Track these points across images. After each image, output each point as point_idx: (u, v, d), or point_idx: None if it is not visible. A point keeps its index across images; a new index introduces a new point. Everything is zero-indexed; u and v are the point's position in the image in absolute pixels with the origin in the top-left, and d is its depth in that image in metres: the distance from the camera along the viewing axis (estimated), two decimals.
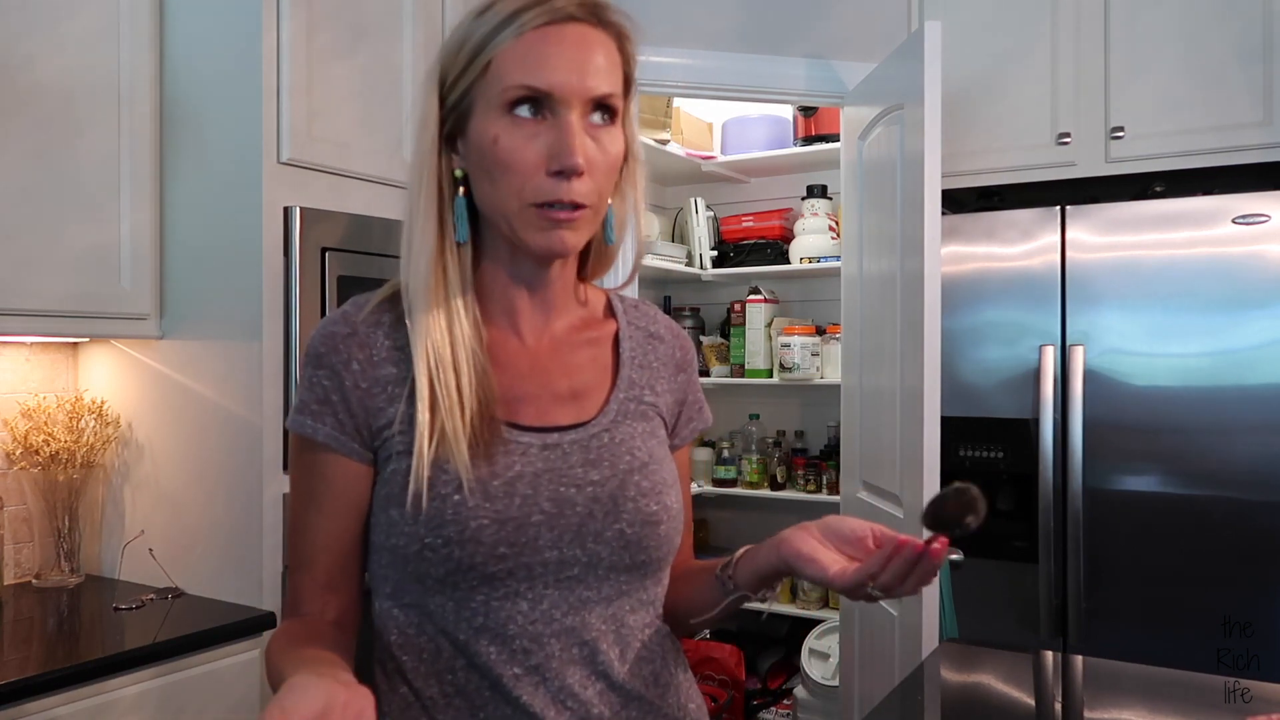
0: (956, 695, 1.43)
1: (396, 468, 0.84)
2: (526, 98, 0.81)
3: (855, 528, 0.83)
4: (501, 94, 0.81)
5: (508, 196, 0.82)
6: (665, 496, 0.90)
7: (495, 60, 0.82)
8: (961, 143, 2.50)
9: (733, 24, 2.68)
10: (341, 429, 0.86)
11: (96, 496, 2.09)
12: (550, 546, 0.83)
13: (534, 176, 0.81)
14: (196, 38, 1.95)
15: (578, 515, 0.85)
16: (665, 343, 1.01)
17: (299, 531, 0.89)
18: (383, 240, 2.00)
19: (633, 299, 1.04)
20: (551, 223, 0.82)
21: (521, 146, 0.81)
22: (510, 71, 0.81)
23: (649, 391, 0.96)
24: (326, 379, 0.86)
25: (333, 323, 0.89)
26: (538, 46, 0.81)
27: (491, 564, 0.81)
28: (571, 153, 0.80)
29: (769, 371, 3.33)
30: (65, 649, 1.63)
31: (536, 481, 0.84)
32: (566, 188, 0.81)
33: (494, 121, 0.82)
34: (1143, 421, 2.19)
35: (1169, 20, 2.31)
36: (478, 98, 0.83)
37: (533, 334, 0.92)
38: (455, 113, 0.86)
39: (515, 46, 0.81)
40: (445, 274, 0.86)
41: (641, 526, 0.87)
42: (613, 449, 0.89)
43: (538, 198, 0.81)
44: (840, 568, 0.81)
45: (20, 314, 1.76)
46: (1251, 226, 2.11)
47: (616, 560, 0.86)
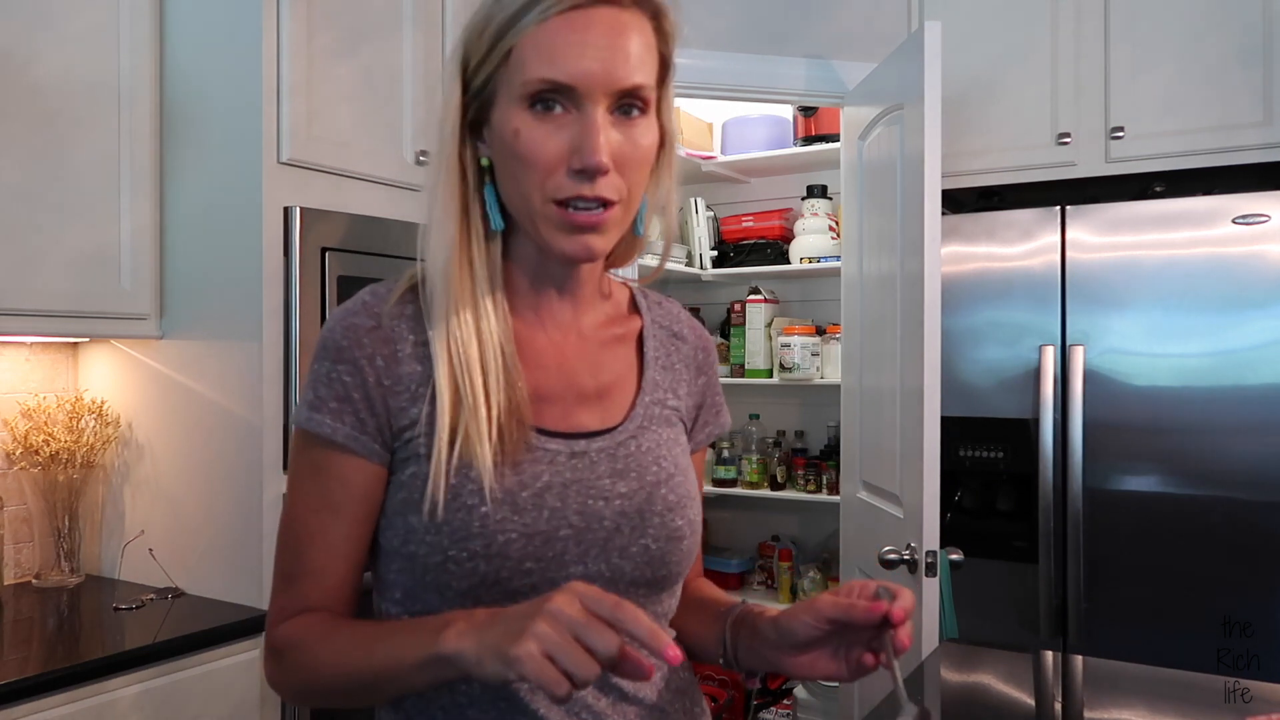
0: (956, 695, 1.43)
1: (416, 471, 0.80)
2: (548, 91, 0.76)
3: (801, 630, 0.82)
4: (522, 85, 0.76)
5: (530, 192, 0.77)
6: (689, 510, 0.88)
7: (517, 48, 0.76)
8: (961, 143, 2.50)
9: (733, 24, 2.68)
10: (362, 429, 0.80)
11: (96, 496, 2.09)
12: (576, 561, 0.80)
13: (555, 173, 0.76)
14: (196, 38, 1.95)
15: (605, 530, 0.82)
16: (688, 343, 0.98)
17: (304, 538, 0.83)
18: (382, 240, 2.00)
19: (656, 295, 1.00)
20: (573, 226, 0.77)
21: (542, 141, 0.76)
22: (531, 62, 0.75)
23: (671, 395, 0.93)
24: (348, 374, 0.80)
25: (353, 314, 0.82)
26: (561, 34, 0.75)
27: (517, 579, 0.78)
28: (594, 151, 0.75)
29: (769, 371, 3.33)
30: (65, 649, 1.63)
31: (565, 493, 0.81)
32: (590, 186, 0.76)
33: (515, 113, 0.77)
34: (1143, 421, 2.19)
35: (1169, 20, 2.31)
36: (500, 86, 0.78)
37: (559, 330, 0.88)
38: (479, 100, 0.80)
39: (537, 34, 0.75)
40: (471, 266, 0.81)
41: (666, 542, 0.85)
42: (640, 458, 0.86)
43: (559, 194, 0.77)
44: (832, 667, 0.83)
45: (20, 314, 1.76)
46: (1251, 226, 2.11)
47: (638, 575, 0.84)
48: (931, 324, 2.01)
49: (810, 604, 0.81)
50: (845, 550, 2.72)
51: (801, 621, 0.80)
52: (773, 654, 0.84)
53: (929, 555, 1.98)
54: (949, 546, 2.09)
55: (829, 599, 0.80)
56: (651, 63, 0.79)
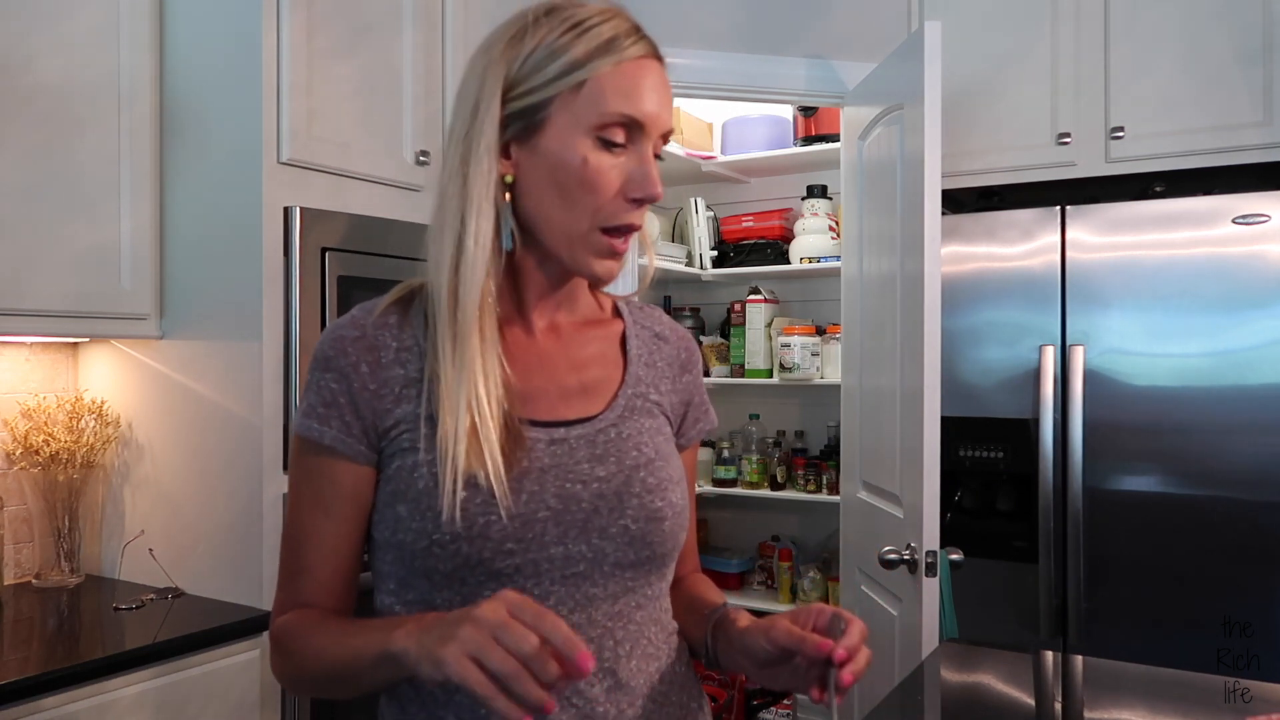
0: (956, 695, 1.43)
1: (402, 464, 0.85)
2: (620, 124, 0.84)
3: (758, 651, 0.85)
4: (599, 116, 0.83)
5: (581, 217, 0.84)
6: (670, 493, 0.90)
7: (594, 81, 0.83)
8: (961, 143, 2.50)
9: (733, 24, 2.68)
10: (348, 431, 0.86)
11: (96, 496, 2.09)
12: (556, 542, 0.84)
13: (613, 201, 0.84)
14: (196, 38, 1.95)
15: (583, 511, 0.85)
16: (670, 344, 1.02)
17: (300, 537, 0.89)
18: (382, 240, 2.00)
19: (638, 303, 1.05)
20: (612, 252, 0.86)
21: (607, 171, 0.84)
22: (611, 98, 0.83)
23: (654, 390, 0.97)
24: (334, 382, 0.86)
25: (340, 327, 0.89)
26: (637, 77, 0.84)
27: (499, 559, 0.82)
28: (654, 183, 0.85)
29: (769, 371, 3.33)
30: (65, 649, 1.63)
31: (543, 477, 0.85)
32: (638, 214, 0.86)
33: (582, 142, 0.83)
34: (1143, 421, 2.19)
35: (1169, 20, 2.31)
36: (562, 113, 0.84)
37: (541, 329, 0.93)
38: (523, 121, 0.85)
39: (616, 73, 0.83)
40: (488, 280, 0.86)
41: (646, 522, 0.87)
42: (620, 444, 0.90)
43: (611, 221, 0.85)
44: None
45: (20, 314, 1.76)
46: (1251, 226, 2.11)
47: (621, 556, 0.87)
48: (931, 324, 2.01)
49: (769, 627, 0.85)
50: (845, 550, 2.72)
51: (758, 644, 0.85)
52: (743, 662, 0.88)
53: (929, 555, 1.98)
54: (949, 546, 2.09)
55: (784, 627, 0.83)
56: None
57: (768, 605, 3.32)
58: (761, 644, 0.84)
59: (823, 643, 0.79)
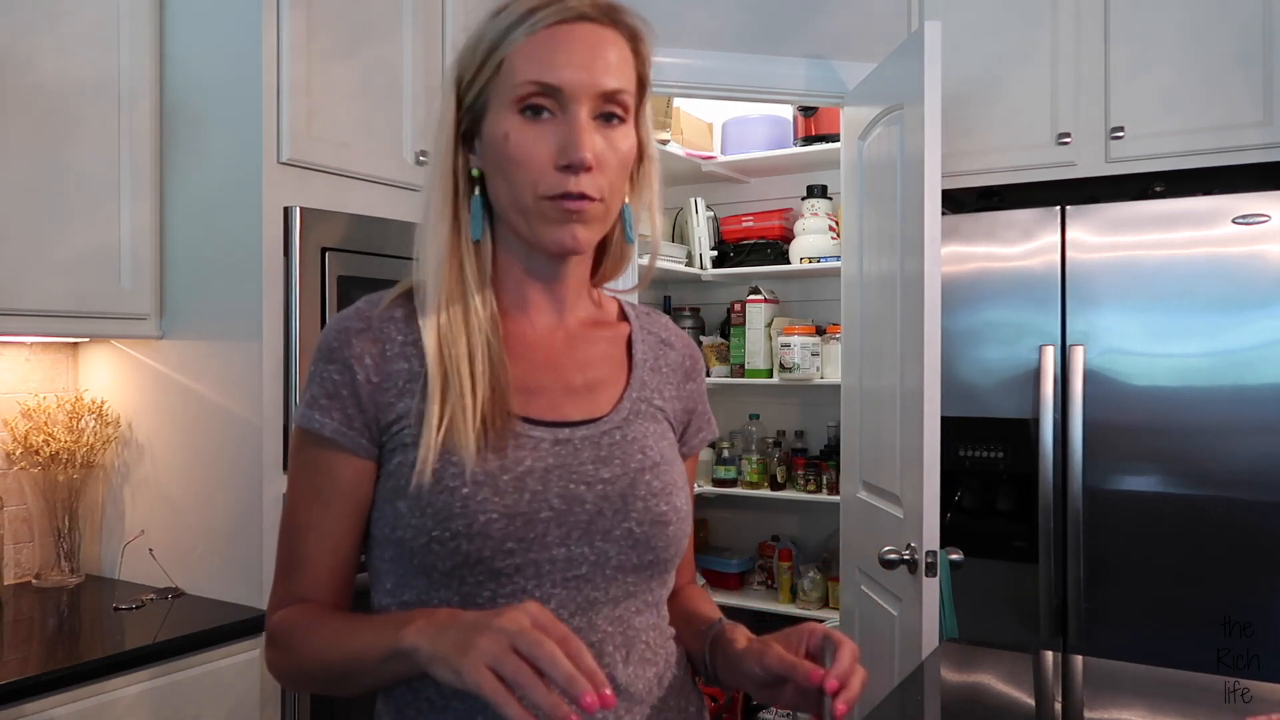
0: (956, 695, 1.43)
1: (403, 460, 0.84)
2: (537, 94, 0.82)
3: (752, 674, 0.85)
4: (514, 90, 0.83)
5: (521, 191, 0.83)
6: (675, 497, 0.90)
7: (508, 59, 0.83)
8: (961, 143, 2.50)
9: (733, 24, 2.68)
10: (349, 424, 0.85)
11: (96, 496, 2.09)
12: (558, 543, 0.83)
13: (545, 172, 0.83)
14: (196, 38, 1.95)
15: (587, 513, 0.84)
16: (676, 350, 1.02)
17: (298, 530, 0.88)
18: (382, 240, 2.00)
19: (644, 307, 1.05)
20: (565, 213, 0.83)
21: (532, 143, 0.83)
22: (522, 68, 0.82)
23: (659, 395, 0.97)
24: (337, 373, 0.85)
25: (346, 318, 0.88)
26: (549, 43, 0.82)
27: (499, 559, 0.81)
28: (579, 147, 0.81)
29: (769, 371, 3.33)
30: (65, 649, 1.63)
31: (547, 477, 0.84)
32: (575, 181, 0.82)
33: (506, 119, 0.83)
34: (1143, 421, 2.19)
35: (1169, 20, 2.31)
36: (492, 96, 0.85)
37: (546, 326, 0.93)
38: (471, 112, 0.87)
39: (528, 44, 0.83)
40: (461, 270, 0.86)
41: (650, 526, 0.87)
42: (624, 447, 0.89)
43: (549, 191, 0.83)
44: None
45: (20, 314, 1.76)
46: (1251, 226, 2.11)
47: (624, 560, 0.86)
48: (931, 324, 2.01)
49: (762, 652, 0.84)
50: (845, 550, 2.72)
51: (751, 669, 0.85)
52: (743, 682, 0.88)
53: (929, 555, 1.98)
54: (949, 546, 2.09)
55: (776, 653, 0.83)
56: (629, 74, 0.86)
57: (768, 605, 3.32)
58: (756, 670, 0.84)
59: (814, 673, 0.79)
